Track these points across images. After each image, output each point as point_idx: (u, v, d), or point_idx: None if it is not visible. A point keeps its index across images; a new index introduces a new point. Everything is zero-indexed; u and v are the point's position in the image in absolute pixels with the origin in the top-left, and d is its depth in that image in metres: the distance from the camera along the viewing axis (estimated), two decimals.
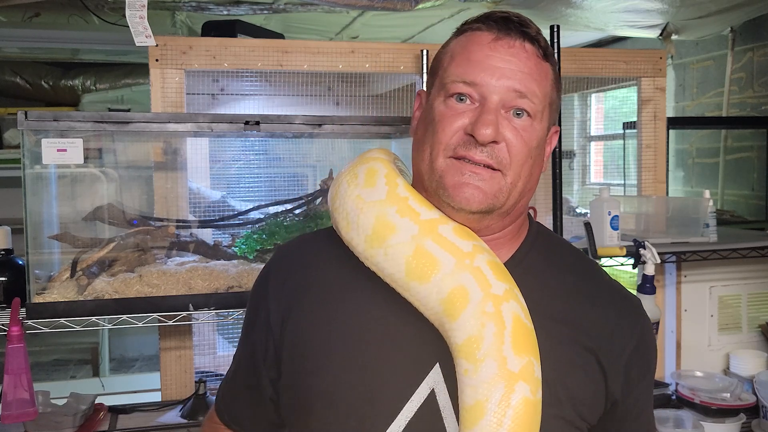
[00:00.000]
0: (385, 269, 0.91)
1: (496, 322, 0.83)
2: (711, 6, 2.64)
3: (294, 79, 2.16)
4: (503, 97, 0.90)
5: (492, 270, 0.87)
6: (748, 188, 3.10)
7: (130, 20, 1.83)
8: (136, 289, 1.68)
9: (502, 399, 0.80)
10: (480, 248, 0.89)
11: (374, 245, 0.91)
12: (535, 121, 0.92)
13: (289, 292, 0.99)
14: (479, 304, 0.84)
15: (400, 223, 0.90)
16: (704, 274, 2.36)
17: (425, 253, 0.88)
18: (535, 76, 0.92)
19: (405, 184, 0.94)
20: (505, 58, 0.91)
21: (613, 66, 2.35)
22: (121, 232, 1.81)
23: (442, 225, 0.90)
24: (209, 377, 2.10)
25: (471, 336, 0.83)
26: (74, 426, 1.73)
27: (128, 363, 4.44)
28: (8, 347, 1.53)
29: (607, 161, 3.43)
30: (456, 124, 0.91)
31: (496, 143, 0.89)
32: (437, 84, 0.95)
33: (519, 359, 0.81)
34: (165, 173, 1.97)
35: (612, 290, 1.01)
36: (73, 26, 3.40)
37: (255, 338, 1.02)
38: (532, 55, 0.92)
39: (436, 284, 0.86)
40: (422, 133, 0.96)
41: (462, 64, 0.92)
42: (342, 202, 0.96)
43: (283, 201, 1.98)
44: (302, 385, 0.94)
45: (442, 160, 0.91)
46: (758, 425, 2.08)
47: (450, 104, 0.92)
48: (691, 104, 3.47)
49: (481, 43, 0.92)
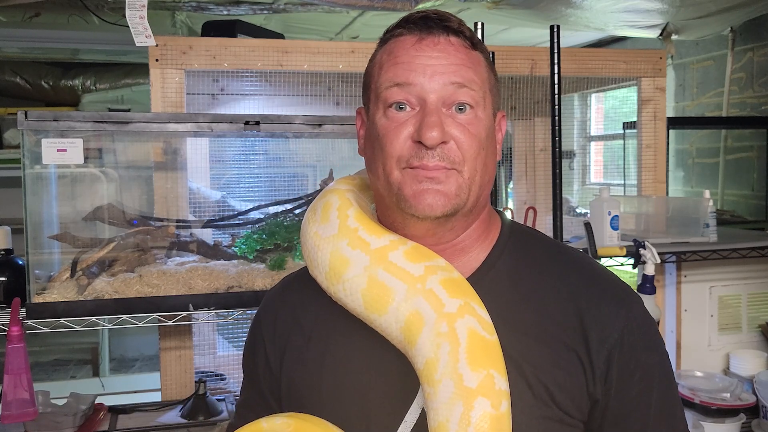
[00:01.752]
0: (347, 305, 0.91)
1: (450, 341, 0.81)
2: (711, 6, 2.64)
3: (294, 79, 2.16)
4: (441, 94, 0.88)
5: (445, 288, 0.85)
6: (748, 188, 3.10)
7: (130, 20, 1.83)
8: (136, 289, 1.68)
9: (462, 418, 0.78)
10: (432, 269, 0.87)
11: (333, 282, 0.91)
12: (479, 110, 0.90)
13: (279, 337, 1.01)
14: (434, 327, 0.83)
15: (353, 255, 0.90)
16: (704, 274, 2.36)
17: (378, 284, 0.87)
18: (468, 65, 0.90)
19: (356, 214, 0.93)
20: (432, 55, 0.89)
21: (613, 66, 2.35)
22: (121, 232, 1.81)
23: (392, 252, 0.89)
24: (209, 377, 2.10)
25: (428, 359, 0.82)
26: (74, 426, 1.73)
27: (128, 363, 4.44)
28: (8, 347, 1.53)
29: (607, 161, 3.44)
30: (402, 135, 0.89)
31: (445, 143, 0.88)
32: (373, 98, 0.93)
33: (476, 374, 0.79)
34: (165, 173, 1.97)
35: (592, 283, 0.95)
36: (73, 26, 3.41)
37: (260, 383, 1.03)
38: (460, 47, 0.91)
39: (393, 314, 0.86)
40: (371, 152, 0.94)
41: (391, 69, 0.90)
42: (304, 240, 0.97)
43: (283, 201, 1.98)
44: None
45: (398, 173, 0.89)
46: (758, 425, 2.08)
47: (390, 115, 0.90)
48: (691, 104, 3.47)
49: (406, 46, 0.91)
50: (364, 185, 1.04)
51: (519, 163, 2.87)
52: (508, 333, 0.87)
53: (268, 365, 1.01)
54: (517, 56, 2.28)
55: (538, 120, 2.80)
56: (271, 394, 1.01)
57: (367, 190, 1.04)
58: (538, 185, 2.82)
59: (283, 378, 0.98)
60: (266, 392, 1.02)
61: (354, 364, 0.93)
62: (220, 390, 2.12)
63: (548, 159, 1.97)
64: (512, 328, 0.89)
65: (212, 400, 1.90)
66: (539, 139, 2.82)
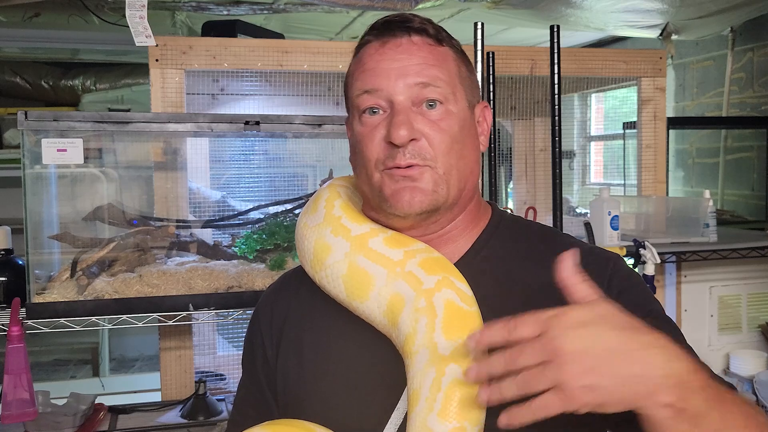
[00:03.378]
0: (330, 292, 0.93)
1: (428, 314, 0.83)
2: (711, 6, 2.64)
3: (294, 79, 2.16)
4: (408, 94, 0.90)
5: (423, 268, 0.87)
6: (748, 188, 3.10)
7: (130, 20, 1.83)
8: (136, 289, 1.68)
9: (433, 383, 0.79)
10: (411, 253, 0.90)
11: (317, 268, 0.94)
12: (449, 105, 0.92)
13: (275, 329, 1.03)
14: (413, 304, 0.85)
15: (334, 242, 0.92)
16: (704, 274, 2.36)
17: (359, 270, 0.89)
18: (432, 62, 0.92)
19: (342, 205, 0.96)
20: (395, 57, 0.92)
21: (613, 66, 2.35)
22: (121, 232, 1.81)
23: (372, 238, 0.91)
24: (209, 377, 2.10)
25: (407, 334, 0.84)
26: (74, 426, 1.73)
27: (128, 363, 4.44)
28: (8, 347, 1.54)
29: (607, 161, 3.44)
30: (376, 138, 0.91)
31: (416, 140, 0.90)
32: (350, 107, 0.97)
33: (451, 342, 0.80)
34: (165, 173, 1.97)
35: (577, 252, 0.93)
36: (73, 26, 3.41)
37: (259, 375, 1.04)
38: (423, 45, 0.93)
39: (375, 300, 0.88)
40: (354, 157, 0.98)
41: (360, 77, 0.94)
42: (296, 232, 1.01)
43: (283, 201, 1.98)
44: (296, 416, 0.96)
45: (378, 175, 0.92)
46: None
47: (365, 120, 0.93)
48: (691, 104, 3.47)
49: (370, 52, 0.94)
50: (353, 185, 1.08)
51: (519, 163, 2.87)
52: (494, 316, 0.86)
53: (265, 358, 1.03)
54: (517, 56, 2.28)
55: (538, 120, 2.80)
56: (269, 386, 1.03)
57: None
58: (538, 185, 2.82)
59: (278, 370, 1.00)
60: (264, 385, 1.03)
61: (347, 355, 0.95)
62: (220, 390, 2.12)
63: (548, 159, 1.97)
64: (498, 312, 0.87)
65: (212, 400, 1.90)
66: (539, 139, 2.82)
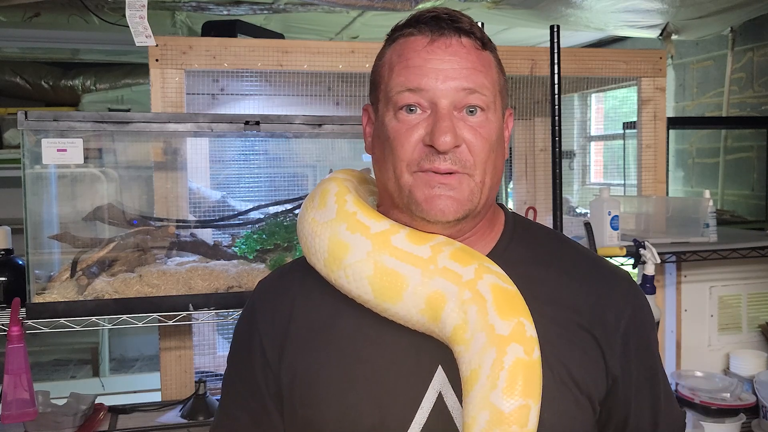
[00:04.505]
0: (351, 292, 0.90)
1: (476, 302, 0.83)
2: (711, 6, 2.64)
3: (294, 79, 2.16)
4: (453, 98, 0.88)
5: (457, 261, 0.87)
6: (748, 188, 3.10)
7: (130, 20, 1.83)
8: (136, 289, 1.68)
9: (495, 363, 0.79)
10: (437, 247, 0.88)
11: (333, 268, 0.91)
12: (489, 113, 0.90)
13: (278, 327, 0.97)
14: (457, 297, 0.84)
15: (352, 240, 0.89)
16: (704, 274, 2.36)
17: (388, 271, 0.87)
18: (480, 68, 0.90)
19: (354, 200, 0.93)
20: (445, 58, 0.88)
21: (613, 66, 2.35)
22: (121, 232, 1.81)
23: (394, 235, 0.89)
24: (209, 377, 2.10)
25: (456, 325, 0.84)
26: (74, 426, 1.73)
27: (128, 363, 4.43)
28: (8, 347, 1.53)
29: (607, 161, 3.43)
30: (413, 138, 0.88)
31: (457, 147, 0.88)
32: (382, 98, 0.93)
33: (507, 322, 0.81)
34: (165, 173, 1.97)
35: (598, 267, 0.99)
36: (73, 26, 3.41)
37: (256, 377, 0.99)
38: (472, 49, 0.90)
39: (410, 299, 0.86)
40: (380, 152, 0.93)
41: (402, 73, 0.90)
42: (301, 228, 0.97)
43: (283, 201, 1.98)
44: (309, 415, 0.92)
45: (409, 176, 0.89)
46: (758, 425, 2.08)
47: (401, 117, 0.89)
48: (691, 104, 3.47)
49: (417, 48, 0.90)
50: (363, 180, 1.05)
51: (519, 163, 2.87)
52: None
53: (264, 358, 0.97)
54: (517, 56, 2.28)
55: (538, 120, 2.80)
56: (267, 388, 0.98)
57: (366, 184, 1.05)
58: (538, 185, 2.82)
59: (283, 371, 0.95)
60: (262, 386, 0.98)
61: (363, 353, 0.92)
62: (220, 390, 2.11)
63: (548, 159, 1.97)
64: None
65: (212, 400, 1.90)
66: (539, 139, 2.82)
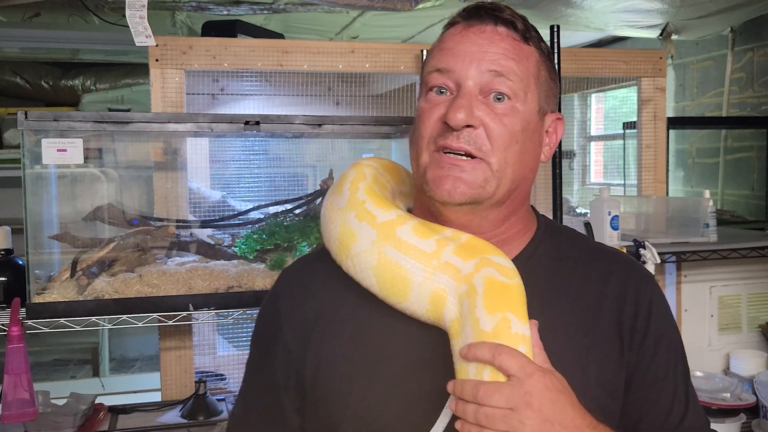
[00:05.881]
0: (361, 282, 0.90)
1: (469, 295, 0.82)
2: (711, 6, 2.64)
3: (294, 79, 2.16)
4: (478, 80, 0.88)
5: (459, 256, 0.86)
6: (748, 188, 3.10)
7: (130, 20, 1.83)
8: (136, 289, 1.68)
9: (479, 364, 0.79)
10: (444, 240, 0.87)
11: (342, 255, 0.91)
12: (517, 102, 0.89)
13: (303, 318, 0.96)
14: (456, 291, 0.84)
15: (359, 228, 0.89)
16: (704, 274, 2.36)
17: (392, 265, 0.86)
18: (511, 55, 0.89)
19: (366, 187, 0.93)
20: (476, 42, 0.89)
21: (613, 66, 2.35)
22: (121, 232, 1.81)
23: (399, 227, 0.88)
24: (209, 377, 2.10)
25: (453, 318, 0.84)
26: (74, 426, 1.73)
27: (128, 363, 4.44)
28: (8, 347, 1.53)
29: (607, 161, 3.44)
30: (434, 116, 0.90)
31: (473, 128, 0.87)
32: (421, 83, 0.95)
33: (491, 317, 0.79)
34: (165, 173, 1.97)
35: (620, 266, 1.00)
36: (73, 26, 3.41)
37: (274, 370, 0.98)
38: (507, 37, 0.90)
39: (416, 299, 0.86)
40: (411, 134, 0.96)
41: (436, 55, 0.92)
42: (322, 213, 0.98)
43: (283, 201, 1.98)
44: (330, 410, 0.92)
45: (427, 155, 0.90)
46: (758, 425, 2.08)
47: (429, 98, 0.91)
48: (691, 104, 3.47)
49: (453, 33, 0.92)
50: (392, 168, 1.04)
51: None
52: (547, 316, 0.88)
53: (287, 351, 0.96)
54: None
55: None
56: (287, 379, 0.96)
57: (394, 172, 1.04)
58: (538, 185, 2.82)
59: (308, 362, 0.94)
60: (279, 378, 0.97)
61: (388, 349, 0.91)
62: (220, 390, 2.12)
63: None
64: (551, 312, 0.91)
65: (212, 400, 1.90)
66: None
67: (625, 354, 0.94)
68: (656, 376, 0.96)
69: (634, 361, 0.94)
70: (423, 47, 2.14)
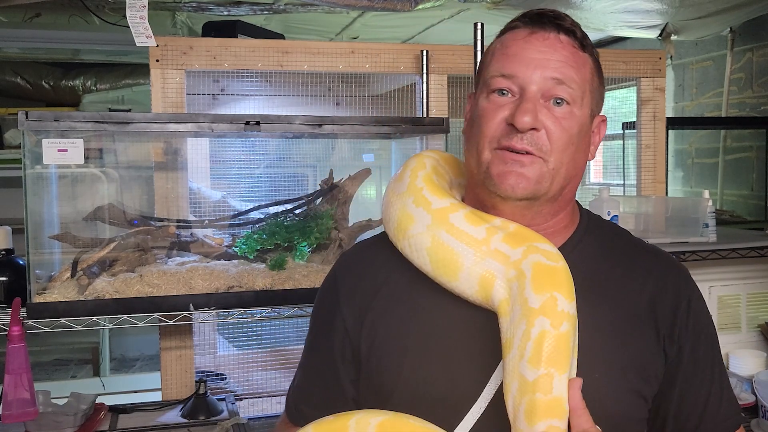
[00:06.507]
0: (415, 261, 0.97)
1: (519, 279, 0.88)
2: (710, 6, 2.64)
3: (294, 79, 2.16)
4: (541, 86, 0.94)
5: (508, 243, 0.92)
6: (748, 188, 3.11)
7: (130, 21, 1.83)
8: (136, 288, 1.69)
9: (524, 334, 0.84)
10: (492, 230, 0.93)
11: (400, 237, 0.99)
12: (575, 107, 0.96)
13: (361, 296, 1.03)
14: (504, 276, 0.90)
15: (416, 213, 0.97)
16: (703, 274, 2.36)
17: (443, 246, 0.93)
18: (571, 63, 0.96)
19: (425, 176, 1.00)
20: (540, 49, 0.95)
21: (613, 66, 2.36)
22: (122, 232, 1.81)
23: (452, 213, 0.95)
24: (209, 377, 2.10)
25: (503, 299, 0.90)
26: (75, 426, 1.73)
27: (129, 363, 4.44)
28: (9, 347, 1.54)
29: (606, 161, 3.44)
30: (498, 117, 0.95)
31: (536, 130, 0.93)
32: (481, 83, 1.00)
33: (539, 296, 0.85)
34: (165, 173, 1.98)
35: (659, 261, 1.05)
36: (74, 26, 3.41)
37: (332, 343, 1.04)
38: (567, 45, 0.96)
39: (465, 280, 0.92)
40: (469, 131, 1.01)
41: (500, 60, 0.97)
42: (384, 197, 1.05)
43: (283, 201, 1.98)
44: (383, 382, 0.98)
45: (488, 153, 0.95)
46: (757, 425, 2.08)
47: (492, 99, 0.96)
48: (691, 104, 3.47)
49: (517, 38, 0.97)
50: (452, 161, 1.11)
51: None
52: (588, 306, 0.94)
53: (344, 326, 1.02)
54: None
55: None
56: (343, 352, 1.02)
57: (454, 165, 1.11)
58: None
59: (363, 338, 1.00)
60: (337, 351, 1.03)
61: (439, 325, 0.97)
62: (220, 390, 2.12)
63: None
64: (593, 301, 0.97)
65: (212, 400, 1.90)
66: None
67: (662, 344, 0.98)
68: (696, 369, 1.01)
69: (675, 355, 0.99)
70: (423, 47, 2.15)
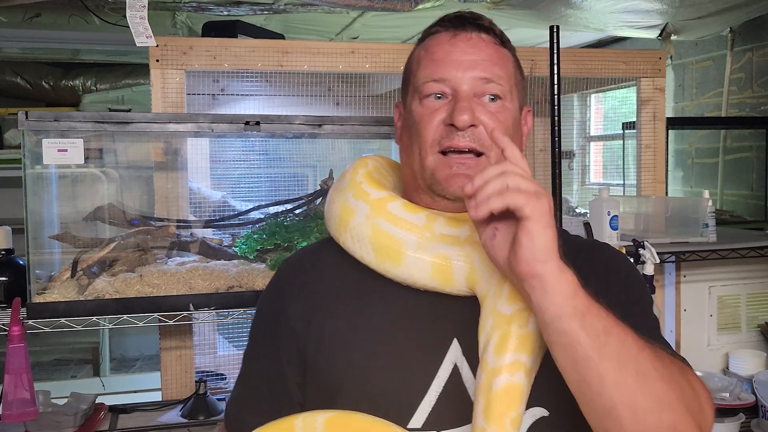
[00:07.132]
0: (356, 253, 0.99)
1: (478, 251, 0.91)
2: (710, 6, 2.64)
3: (294, 79, 2.16)
4: (472, 86, 0.98)
5: (452, 226, 0.95)
6: (748, 188, 3.11)
7: (130, 21, 1.83)
8: (136, 288, 1.69)
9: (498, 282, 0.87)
10: (433, 216, 0.97)
11: (341, 230, 1.01)
12: (506, 101, 1.00)
13: (306, 296, 1.03)
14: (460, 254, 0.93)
15: (356, 205, 0.99)
16: (703, 274, 2.36)
17: (384, 234, 0.96)
18: (496, 61, 1.00)
19: (365, 173, 1.03)
20: (465, 50, 0.99)
21: (613, 66, 2.36)
22: (122, 232, 1.81)
23: (390, 203, 0.98)
24: (209, 377, 2.10)
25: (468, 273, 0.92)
26: (75, 426, 1.73)
27: (129, 363, 4.44)
28: (9, 347, 1.54)
29: (606, 161, 3.44)
30: (436, 119, 0.98)
31: (475, 127, 0.96)
32: (411, 90, 1.03)
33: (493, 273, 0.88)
34: (165, 173, 1.98)
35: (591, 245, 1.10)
36: (74, 26, 3.41)
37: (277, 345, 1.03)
38: (490, 43, 1.01)
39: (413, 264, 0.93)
40: (407, 138, 1.04)
41: (429, 66, 1.00)
42: (327, 199, 1.08)
43: (284, 201, 1.98)
44: (331, 380, 0.97)
45: (432, 158, 0.98)
46: (757, 425, 2.08)
47: (426, 104, 1.00)
48: (691, 104, 3.47)
49: (441, 42, 1.01)
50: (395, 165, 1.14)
51: None
52: None
53: (290, 326, 1.02)
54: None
55: (537, 120, 2.80)
56: (288, 359, 1.01)
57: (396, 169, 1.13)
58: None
59: (310, 338, 1.00)
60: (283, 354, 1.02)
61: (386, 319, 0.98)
62: (220, 390, 2.12)
63: (548, 159, 1.97)
64: None
65: (212, 400, 1.90)
66: (539, 139, 2.82)
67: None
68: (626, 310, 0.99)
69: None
70: None
